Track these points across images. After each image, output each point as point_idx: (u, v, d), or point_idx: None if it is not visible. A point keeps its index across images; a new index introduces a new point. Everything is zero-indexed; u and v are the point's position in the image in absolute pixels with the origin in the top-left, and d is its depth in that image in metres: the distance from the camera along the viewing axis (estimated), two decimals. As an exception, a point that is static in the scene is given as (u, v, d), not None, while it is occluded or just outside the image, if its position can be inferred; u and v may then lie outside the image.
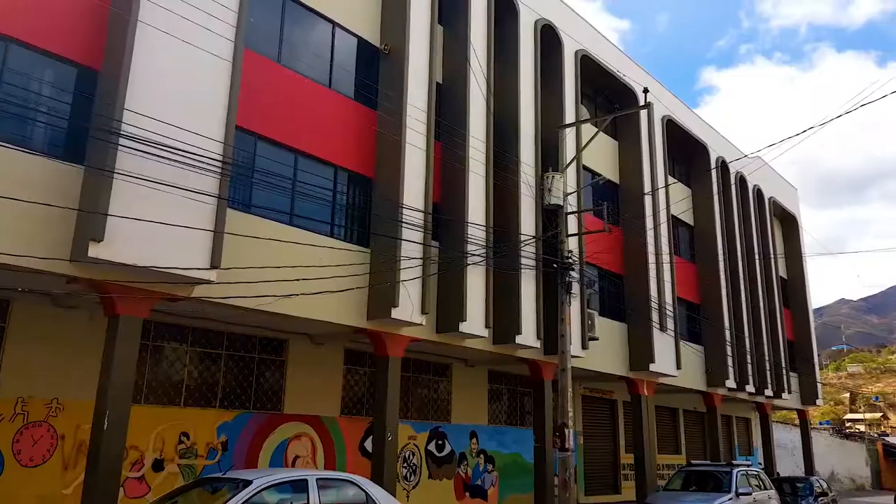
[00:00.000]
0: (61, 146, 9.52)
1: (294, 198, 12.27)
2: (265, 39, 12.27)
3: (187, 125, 9.91)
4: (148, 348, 11.73)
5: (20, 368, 10.26)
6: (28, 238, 8.67)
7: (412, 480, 16.17)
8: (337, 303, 12.10)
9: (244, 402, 13.17)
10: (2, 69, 9.08)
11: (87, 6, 9.78)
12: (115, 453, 9.21)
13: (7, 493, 9.89)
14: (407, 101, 13.55)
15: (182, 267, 9.67)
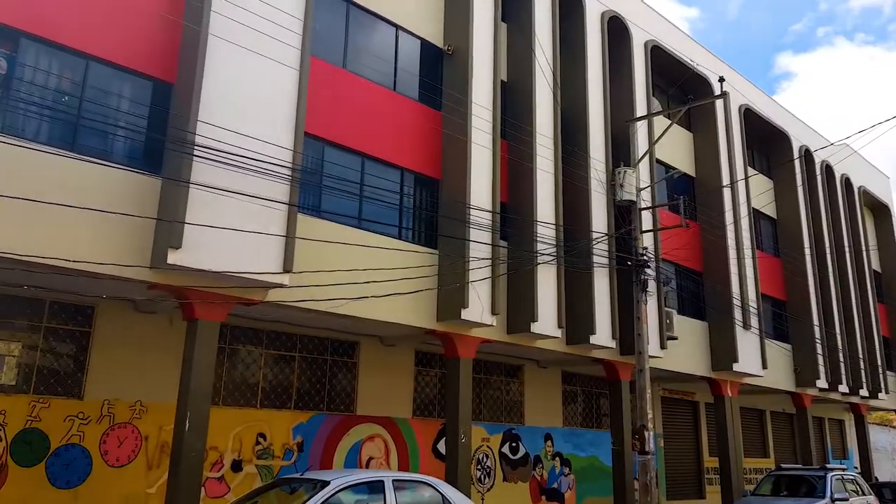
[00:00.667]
0: (140, 158, 9.90)
1: (362, 201, 12.40)
2: (330, 46, 12.45)
3: (258, 134, 10.15)
4: (224, 351, 12.06)
5: (105, 372, 10.73)
6: (111, 247, 9.05)
7: (487, 483, 16.05)
8: (406, 305, 12.13)
9: (318, 404, 13.38)
10: (83, 86, 9.52)
11: (161, 22, 10.15)
12: (197, 454, 9.50)
13: (96, 493, 10.35)
14: (472, 100, 13.48)
15: (256, 272, 9.89)
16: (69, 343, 10.65)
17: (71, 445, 10.23)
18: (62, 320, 10.60)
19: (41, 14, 9.11)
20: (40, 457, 9.96)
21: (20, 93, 9.06)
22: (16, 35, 9.01)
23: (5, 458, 9.67)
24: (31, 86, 9.17)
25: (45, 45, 9.27)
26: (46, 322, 10.46)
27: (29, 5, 9.01)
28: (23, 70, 9.11)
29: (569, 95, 16.18)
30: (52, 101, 9.35)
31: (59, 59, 9.45)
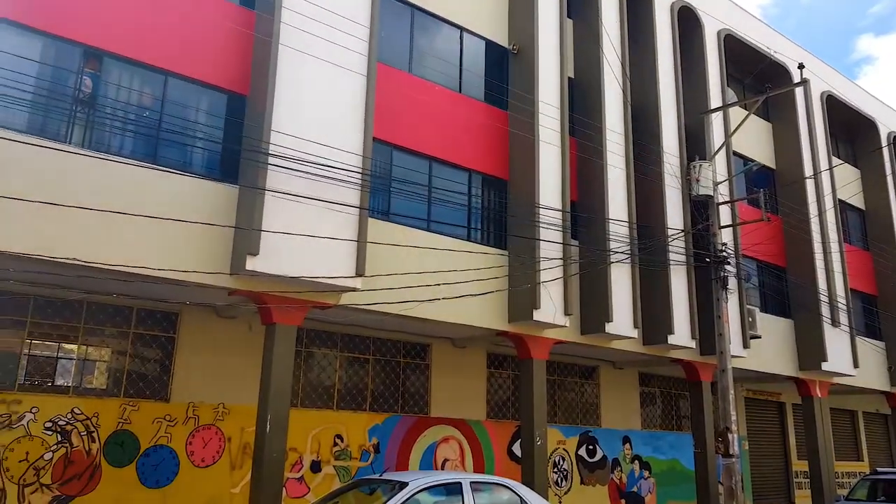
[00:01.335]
0: (217, 168, 10.25)
1: (431, 204, 12.45)
2: (396, 50, 12.57)
3: (328, 140, 10.34)
4: (301, 354, 12.32)
5: (190, 375, 11.13)
6: (194, 255, 9.38)
7: (564, 486, 15.82)
8: (477, 306, 12.09)
9: (392, 406, 13.50)
10: (163, 101, 9.92)
11: (234, 36, 10.47)
12: (278, 455, 9.73)
13: (183, 492, 10.74)
14: (538, 98, 13.34)
15: (330, 276, 10.07)
16: (155, 348, 11.11)
17: (159, 446, 10.67)
18: (149, 326, 11.07)
19: (122, 34, 9.54)
20: (131, 457, 10.42)
21: (105, 109, 9.52)
22: (99, 55, 9.47)
23: (99, 458, 10.16)
24: (114, 102, 9.62)
25: (127, 63, 9.70)
26: (134, 328, 10.94)
27: (111, 27, 9.45)
28: (107, 88, 9.56)
29: (639, 89, 15.81)
30: (135, 116, 9.78)
31: (140, 76, 9.88)
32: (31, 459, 9.65)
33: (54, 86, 9.16)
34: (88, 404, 10.23)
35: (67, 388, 10.30)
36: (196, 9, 10.15)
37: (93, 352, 10.66)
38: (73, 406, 10.10)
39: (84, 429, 10.11)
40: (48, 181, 8.41)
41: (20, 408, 9.68)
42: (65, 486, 9.84)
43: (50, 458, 9.79)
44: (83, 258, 8.46)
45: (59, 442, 9.90)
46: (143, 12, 9.71)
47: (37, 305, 10.13)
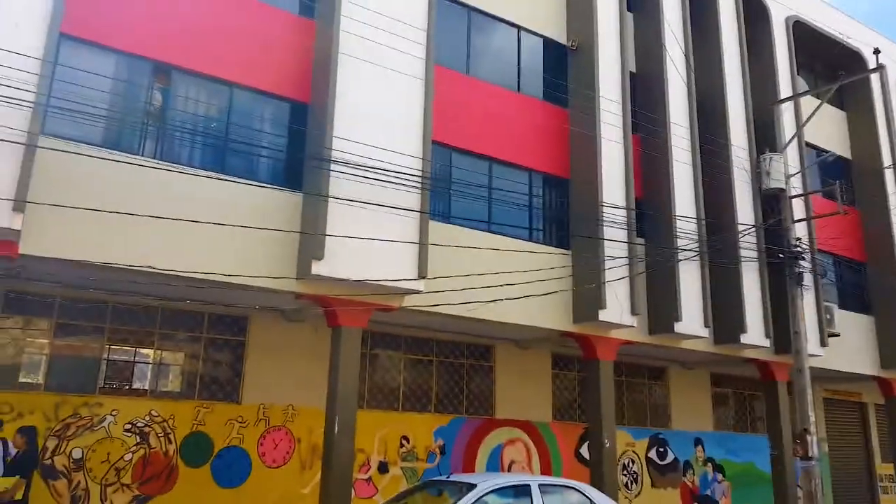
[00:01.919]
0: (282, 175, 10.47)
1: (491, 205, 12.40)
2: (453, 53, 12.58)
3: (388, 145, 10.43)
4: (366, 357, 12.45)
5: (260, 378, 11.40)
6: (262, 261, 9.61)
7: (634, 489, 15.50)
8: (541, 307, 11.97)
9: (457, 407, 13.50)
10: (229, 112, 10.21)
11: (294, 46, 10.68)
12: (346, 456, 9.86)
13: (256, 492, 11.01)
14: (599, 94, 13.12)
15: (392, 279, 10.15)
16: (226, 352, 11.43)
17: (232, 447, 10.97)
18: (219, 331, 11.39)
19: (189, 49, 9.86)
20: (206, 458, 10.74)
21: (175, 122, 9.86)
22: (168, 69, 9.82)
23: (175, 459, 10.51)
24: (183, 115, 9.95)
25: (194, 76, 10.02)
26: (206, 333, 11.28)
27: (179, 42, 9.78)
28: (176, 101, 9.90)
29: (704, 82, 15.36)
30: (203, 127, 10.10)
31: (207, 89, 10.19)
32: (112, 460, 10.06)
33: (127, 101, 9.55)
34: (165, 406, 10.61)
35: (145, 391, 10.70)
36: (259, 21, 10.40)
37: (167, 356, 11.05)
38: (151, 408, 10.49)
39: (161, 430, 10.49)
40: (123, 193, 8.74)
41: (101, 410, 10.11)
42: (144, 486, 10.23)
43: (130, 459, 10.19)
44: (158, 266, 8.78)
45: (137, 443, 10.29)
46: (209, 27, 10.02)
47: (115, 312, 10.56)
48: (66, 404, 9.89)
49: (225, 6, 10.16)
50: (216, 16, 10.06)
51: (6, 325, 9.84)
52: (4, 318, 9.83)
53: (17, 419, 9.42)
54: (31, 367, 10.02)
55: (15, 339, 9.90)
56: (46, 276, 9.03)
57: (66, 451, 9.75)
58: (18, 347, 9.92)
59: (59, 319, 10.14)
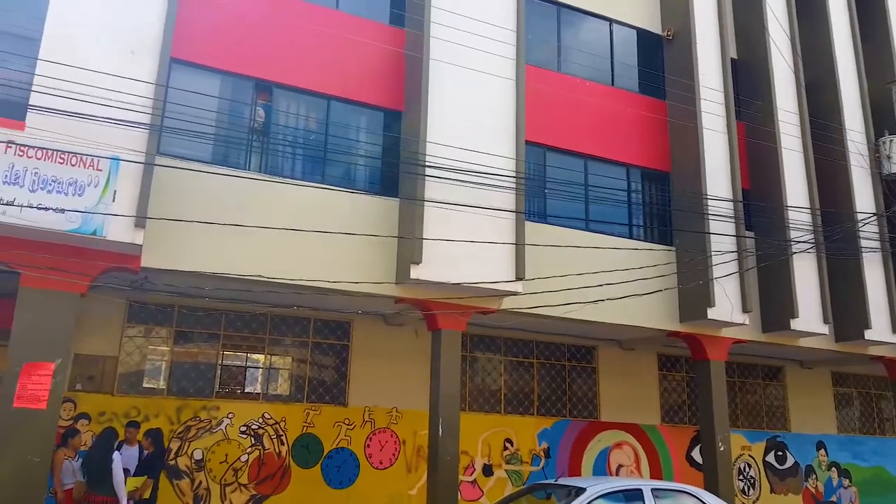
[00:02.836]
0: (378, 182, 10.69)
1: (589, 203, 12.17)
2: (544, 51, 12.46)
3: (482, 147, 10.43)
4: (466, 359, 12.48)
5: (364, 381, 11.66)
6: (362, 267, 9.83)
7: (752, 495, 14.74)
8: (644, 306, 11.61)
9: (560, 410, 13.31)
10: (327, 123, 10.53)
11: (386, 55, 10.89)
12: (452, 458, 9.90)
13: (364, 493, 11.26)
14: (699, 83, 12.62)
15: (490, 281, 10.13)
16: (332, 356, 11.77)
17: (341, 449, 11.28)
18: (324, 335, 11.74)
19: (288, 66, 10.25)
20: (316, 459, 11.09)
21: (277, 136, 10.28)
22: (269, 86, 10.24)
23: (288, 460, 10.91)
24: (284, 129, 10.36)
25: (294, 92, 10.40)
26: (312, 338, 11.66)
27: (279, 60, 10.19)
28: (277, 116, 10.32)
29: (812, 64, 14.48)
30: (303, 140, 10.47)
31: (306, 103, 10.56)
32: (229, 461, 10.57)
33: (232, 118, 10.04)
34: (276, 409, 11.04)
35: (257, 394, 11.18)
36: (352, 34, 10.67)
37: (277, 360, 11.50)
38: (264, 411, 10.95)
39: (273, 432, 10.93)
40: (232, 206, 9.17)
41: (219, 413, 10.65)
42: (260, 486, 10.68)
43: (245, 460, 10.67)
44: (266, 275, 9.16)
45: (252, 445, 10.76)
46: (306, 43, 10.37)
47: (228, 320, 11.10)
48: (187, 408, 10.49)
49: (319, 22, 10.48)
50: (311, 32, 10.39)
51: (131, 333, 10.55)
52: (129, 327, 10.53)
53: (143, 422, 10.06)
54: (153, 372, 10.69)
55: (139, 347, 10.59)
56: (166, 287, 9.61)
57: (188, 452, 10.34)
58: (142, 355, 10.61)
59: (177, 327, 10.77)
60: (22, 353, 7.92)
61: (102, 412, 9.92)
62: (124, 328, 10.45)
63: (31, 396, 7.86)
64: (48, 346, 8.02)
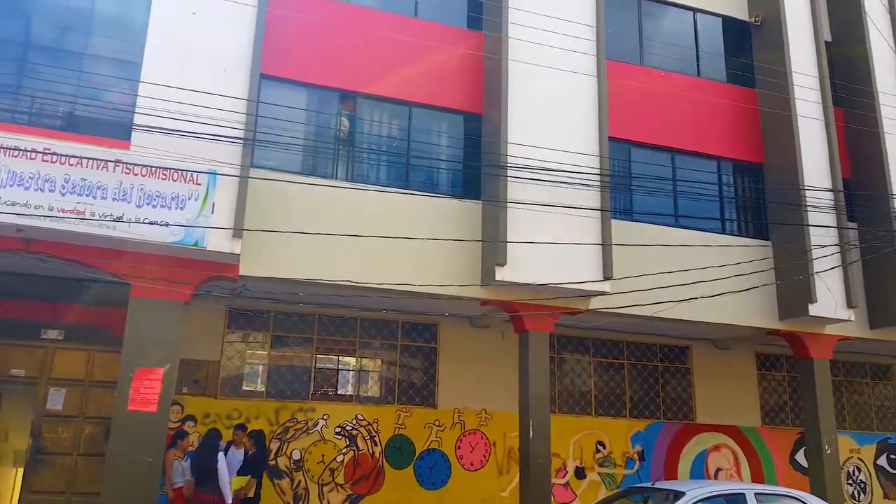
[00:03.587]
0: (460, 186, 10.78)
1: (677, 198, 11.84)
2: (624, 45, 12.22)
3: (564, 146, 10.34)
4: (554, 361, 12.37)
5: (452, 382, 11.75)
6: (447, 270, 9.94)
7: (862, 500, 13.92)
8: (740, 303, 11.17)
9: (653, 412, 12.99)
10: (409, 130, 10.70)
11: (465, 60, 10.97)
12: (543, 460, 9.84)
13: (457, 494, 11.34)
14: (791, 70, 12.08)
15: (577, 281, 10.02)
16: (420, 358, 11.93)
17: (432, 450, 11.41)
18: (412, 338, 11.92)
19: (371, 76, 10.49)
20: (409, 460, 11.27)
21: (361, 144, 10.54)
22: (353, 96, 10.51)
23: (381, 461, 11.14)
24: (368, 137, 10.61)
25: (376, 101, 10.64)
26: (401, 340, 11.86)
27: (361, 71, 10.45)
28: (361, 125, 10.58)
29: (918, 41, 13.58)
30: (386, 147, 10.70)
31: (389, 111, 10.78)
32: (326, 461, 10.89)
33: (319, 129, 10.38)
34: (369, 411, 11.29)
35: (350, 396, 11.47)
36: (431, 40, 10.81)
37: (367, 363, 11.77)
38: (357, 413, 11.22)
39: (367, 433, 11.18)
40: (322, 214, 9.47)
41: (314, 415, 10.99)
42: (355, 486, 10.95)
43: (341, 461, 10.97)
44: (356, 280, 9.40)
45: (347, 445, 11.05)
46: (387, 52, 10.58)
47: (320, 324, 11.44)
48: (285, 409, 10.88)
49: (399, 31, 10.68)
50: (392, 41, 10.60)
51: (231, 339, 11.05)
52: (229, 332, 11.03)
53: (245, 424, 10.50)
54: (252, 376, 11.15)
55: (239, 352, 11.08)
56: (262, 294, 10.01)
57: (286, 453, 10.73)
58: (242, 359, 11.10)
59: (274, 332, 11.20)
60: (133, 358, 8.44)
61: (207, 414, 10.43)
62: (225, 334, 10.96)
63: (143, 400, 8.36)
64: (157, 352, 8.51)
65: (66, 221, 7.92)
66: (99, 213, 8.03)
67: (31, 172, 7.91)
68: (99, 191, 8.11)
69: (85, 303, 10.15)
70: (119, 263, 8.50)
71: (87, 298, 10.15)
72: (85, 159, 8.12)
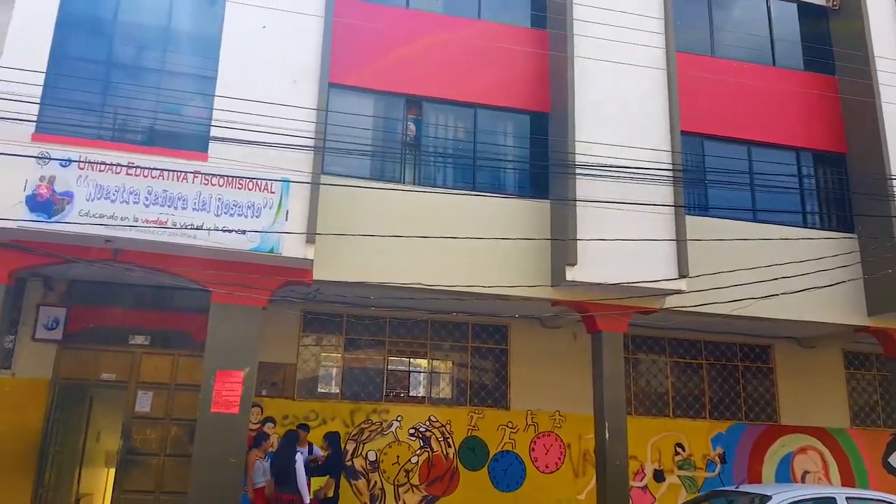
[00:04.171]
0: (528, 186, 10.71)
1: (754, 192, 11.43)
2: (694, 36, 11.90)
3: (633, 141, 10.14)
4: (629, 361, 12.13)
5: (524, 384, 11.70)
6: (517, 271, 9.89)
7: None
8: (825, 300, 10.68)
9: (735, 413, 12.57)
10: (474, 132, 10.70)
11: (530, 58, 10.90)
12: (621, 463, 9.68)
13: (532, 497, 11.27)
14: (873, 54, 11.51)
15: (651, 279, 9.80)
16: (491, 359, 11.92)
17: (506, 452, 11.39)
18: (483, 340, 11.92)
19: (436, 80, 10.56)
20: (482, 462, 11.27)
21: (428, 148, 10.61)
22: (419, 101, 10.59)
23: (455, 462, 11.17)
24: (435, 140, 10.67)
25: (442, 104, 10.69)
26: (471, 342, 11.87)
27: (427, 75, 10.53)
28: (427, 129, 10.65)
29: None
30: (453, 150, 10.73)
31: (454, 114, 10.81)
32: (401, 462, 11.00)
33: (386, 134, 10.50)
34: (441, 413, 11.35)
35: (422, 398, 11.55)
36: (495, 41, 10.78)
37: (439, 365, 11.83)
38: (430, 414, 11.30)
39: (440, 435, 11.24)
40: (391, 218, 9.56)
41: (388, 416, 11.13)
42: (430, 487, 11.02)
43: (416, 462, 11.06)
44: (426, 282, 9.46)
45: (421, 447, 11.14)
46: (451, 55, 10.63)
47: (391, 326, 11.58)
48: (360, 411, 11.06)
49: (462, 33, 10.70)
50: (455, 43, 10.63)
51: (306, 342, 11.30)
52: (304, 336, 11.29)
53: (321, 425, 10.74)
54: (326, 378, 11.38)
55: (314, 355, 11.33)
56: (335, 298, 10.21)
57: (362, 454, 10.90)
58: (317, 361, 11.34)
59: (347, 335, 11.41)
60: (215, 362, 8.75)
61: (286, 415, 10.71)
62: (300, 337, 11.23)
63: (225, 402, 8.65)
64: (237, 356, 8.79)
65: (150, 231, 8.27)
66: (180, 223, 8.36)
67: (116, 186, 8.31)
68: (180, 201, 8.44)
69: (168, 309, 10.62)
70: (200, 271, 8.80)
71: (170, 305, 10.62)
72: (166, 172, 8.47)
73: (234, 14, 9.31)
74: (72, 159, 8.23)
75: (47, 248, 8.41)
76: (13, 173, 8.01)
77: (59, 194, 8.13)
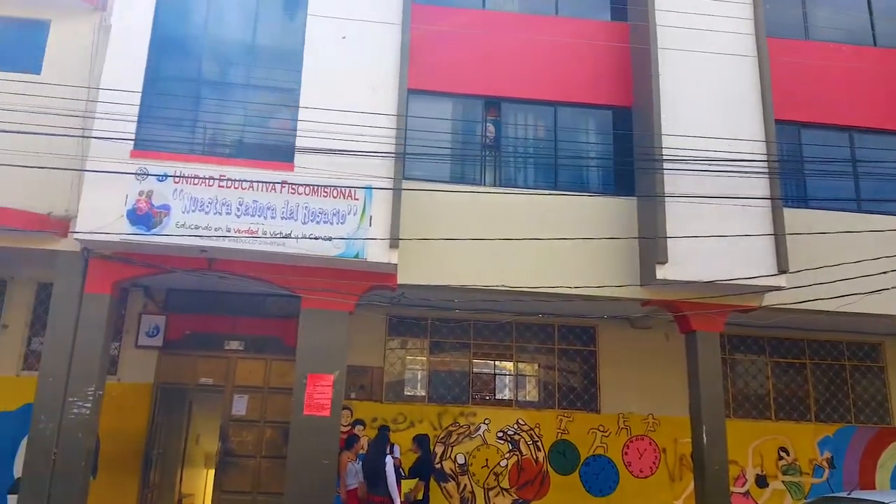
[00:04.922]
0: (612, 183, 10.44)
1: (858, 181, 10.73)
2: (786, 20, 11.30)
3: (725, 132, 9.74)
4: (726, 362, 11.62)
5: (614, 386, 11.41)
6: (604, 270, 9.65)
7: None
8: (942, 293, 9.90)
9: (843, 415, 11.84)
10: (555, 130, 10.52)
11: (611, 52, 10.63)
12: (720, 468, 9.30)
13: (626, 502, 10.98)
14: None
15: (747, 276, 9.36)
16: (579, 361, 11.68)
17: (597, 456, 11.14)
18: (570, 342, 11.70)
19: (514, 79, 10.46)
20: (573, 466, 11.06)
21: (508, 148, 10.51)
22: (497, 102, 10.50)
23: (545, 466, 11.00)
24: (514, 141, 10.56)
25: (521, 104, 10.57)
26: (558, 344, 11.67)
27: (504, 75, 10.44)
28: (506, 129, 10.54)
29: None
30: (533, 149, 10.59)
31: (533, 113, 10.67)
32: (490, 465, 10.93)
33: (466, 137, 10.47)
34: (529, 416, 11.21)
35: (509, 401, 11.44)
36: (574, 37, 10.58)
37: (525, 367, 11.69)
38: (517, 417, 11.18)
39: (529, 438, 11.10)
40: (474, 220, 9.51)
41: (476, 419, 11.09)
42: (521, 491, 10.90)
43: (505, 465, 10.96)
44: (510, 284, 9.37)
45: (510, 450, 11.03)
46: (529, 54, 10.50)
47: (476, 329, 11.53)
48: (447, 414, 11.06)
49: (540, 31, 10.55)
50: (533, 42, 10.49)
51: (392, 345, 11.41)
52: (390, 339, 11.41)
53: (409, 428, 10.81)
54: (412, 381, 11.45)
55: (400, 358, 11.42)
56: (419, 301, 10.25)
57: (451, 457, 10.89)
58: (403, 365, 11.43)
59: (432, 338, 11.44)
60: (306, 366, 8.94)
61: (375, 418, 10.83)
62: (386, 341, 11.36)
63: (317, 405, 8.83)
64: (327, 360, 8.96)
65: (242, 241, 8.55)
66: (270, 232, 8.60)
67: (210, 198, 8.63)
68: (269, 211, 8.69)
69: (260, 316, 10.96)
70: (290, 278, 9.04)
71: (262, 312, 10.96)
72: (255, 183, 8.74)
73: (315, 27, 9.51)
74: (168, 174, 8.61)
75: (147, 259, 8.83)
76: (115, 189, 8.45)
77: (156, 207, 8.51)
